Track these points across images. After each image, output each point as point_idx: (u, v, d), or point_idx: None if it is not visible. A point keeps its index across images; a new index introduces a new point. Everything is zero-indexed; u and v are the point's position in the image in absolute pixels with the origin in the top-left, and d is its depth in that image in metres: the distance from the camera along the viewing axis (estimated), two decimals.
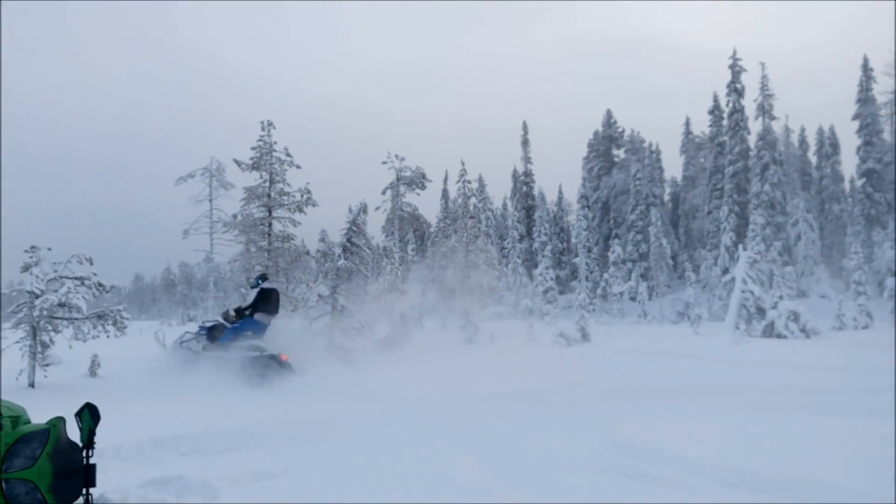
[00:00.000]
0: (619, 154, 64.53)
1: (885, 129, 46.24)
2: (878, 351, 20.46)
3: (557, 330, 28.52)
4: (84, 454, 6.03)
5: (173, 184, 46.68)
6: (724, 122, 50.17)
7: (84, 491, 5.99)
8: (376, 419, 11.84)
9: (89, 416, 6.10)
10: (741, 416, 12.16)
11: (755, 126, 47.31)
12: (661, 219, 51.98)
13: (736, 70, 48.61)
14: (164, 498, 7.04)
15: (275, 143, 27.84)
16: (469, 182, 34.75)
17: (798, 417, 11.75)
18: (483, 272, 32.40)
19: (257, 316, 19.45)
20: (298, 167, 28.36)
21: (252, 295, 19.83)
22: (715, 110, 52.35)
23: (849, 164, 49.52)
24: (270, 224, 27.82)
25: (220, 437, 10.00)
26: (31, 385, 15.14)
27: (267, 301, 19.76)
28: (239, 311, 19.68)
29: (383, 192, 46.08)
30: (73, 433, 6.06)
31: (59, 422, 5.89)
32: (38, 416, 6.32)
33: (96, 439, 6.15)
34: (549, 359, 19.98)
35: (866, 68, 45.88)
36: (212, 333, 19.15)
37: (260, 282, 20.35)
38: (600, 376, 16.10)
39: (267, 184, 27.90)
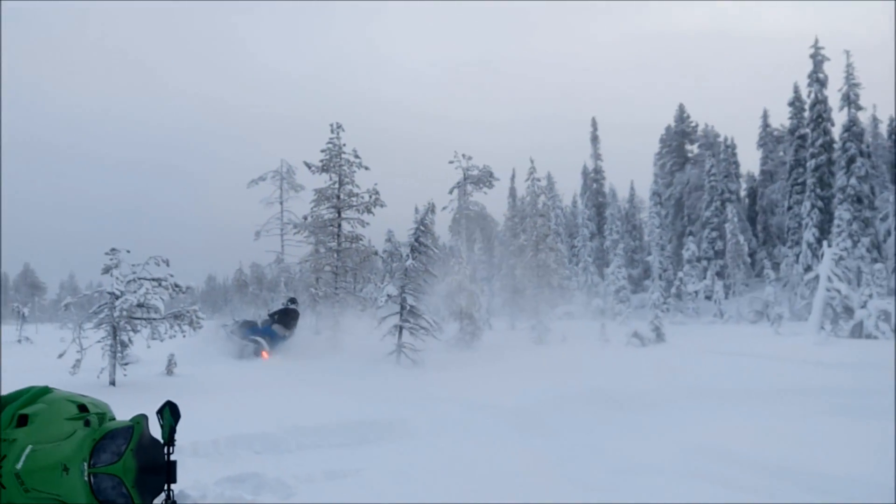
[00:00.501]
0: (693, 149, 63.35)
1: None
2: None
3: (631, 330, 28.16)
4: (165, 451, 6.16)
5: (245, 187, 48.14)
6: (806, 114, 48.65)
7: (166, 486, 6.13)
8: (447, 420, 11.85)
9: (170, 413, 6.21)
10: (826, 419, 11.80)
11: (839, 117, 45.69)
12: (737, 215, 50.77)
13: (818, 59, 47.08)
14: (241, 495, 7.17)
15: (344, 145, 28.81)
16: (538, 180, 34.73)
17: (885, 421, 11.30)
18: (553, 271, 32.15)
19: (275, 327, 25.21)
20: (367, 168, 29.15)
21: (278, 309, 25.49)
22: (795, 101, 50.84)
23: None
24: (339, 225, 28.80)
25: (293, 435, 10.17)
26: (112, 383, 15.67)
27: (286, 317, 25.73)
28: (270, 317, 26.13)
29: (450, 192, 46.33)
30: (154, 430, 6.18)
31: (142, 419, 6.03)
32: (120, 414, 6.56)
33: (176, 437, 6.25)
34: (622, 359, 19.69)
35: None
36: (243, 326, 24.98)
37: (290, 303, 26.47)
38: (677, 377, 15.83)
39: (336, 185, 28.91)
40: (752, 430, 10.63)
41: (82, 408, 6.15)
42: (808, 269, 40.82)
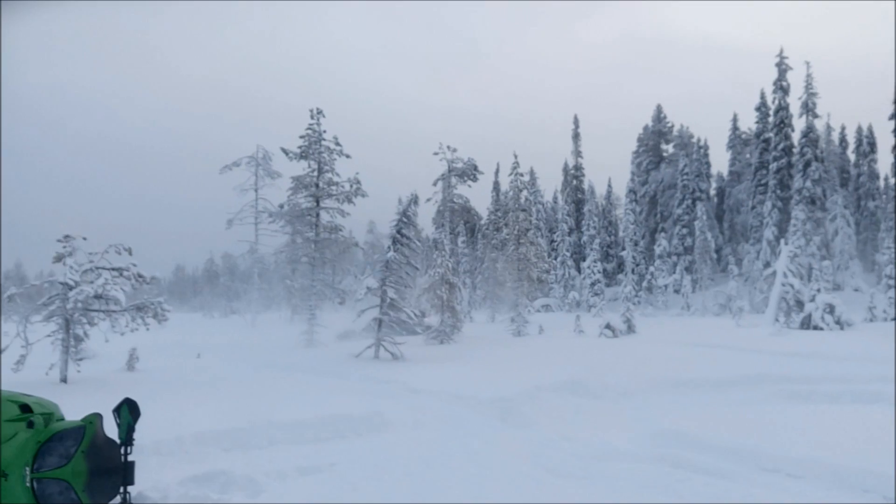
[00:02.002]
0: (668, 149, 63.82)
1: None
2: None
3: (604, 322, 28.50)
4: (122, 451, 5.72)
5: (217, 172, 46.02)
6: (770, 119, 49.35)
7: (122, 489, 5.69)
8: (425, 412, 11.69)
9: (128, 411, 5.79)
10: (780, 404, 12.25)
11: (799, 123, 46.59)
12: (706, 213, 51.38)
13: (782, 68, 47.76)
14: (207, 494, 6.62)
15: (324, 131, 26.90)
16: (521, 175, 34.27)
17: (833, 406, 11.83)
18: (533, 265, 32.28)
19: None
20: (348, 157, 27.43)
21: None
22: (761, 107, 51.50)
23: (885, 162, 48.46)
24: (318, 214, 27.05)
25: (265, 431, 9.66)
26: (64, 380, 13.94)
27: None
28: None
29: (434, 184, 45.70)
30: (111, 430, 5.78)
31: (95, 418, 5.55)
32: (73, 413, 6.03)
33: (135, 436, 5.84)
34: (595, 350, 19.92)
35: None
36: None
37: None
38: (646, 367, 16.05)
39: (315, 173, 27.00)
40: (714, 416, 10.93)
41: (25, 408, 5.56)
42: (767, 265, 41.55)
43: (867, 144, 48.19)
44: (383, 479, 7.50)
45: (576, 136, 64.94)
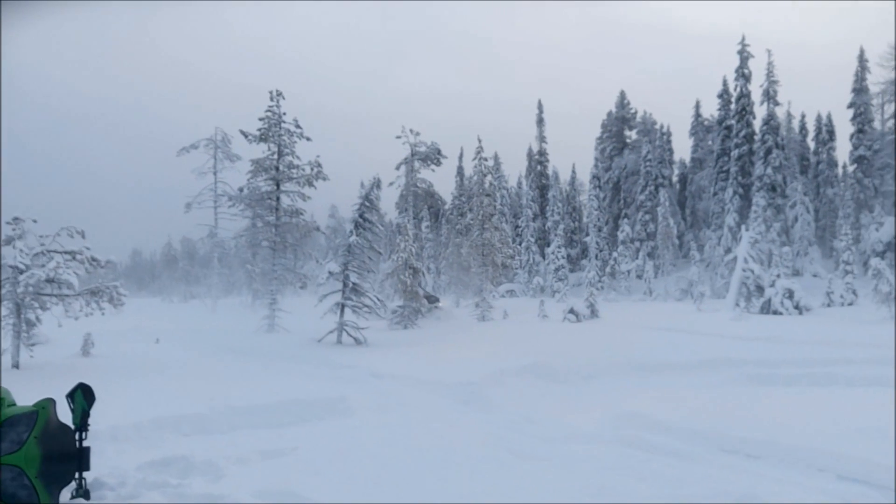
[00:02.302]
0: (631, 135, 64.10)
1: (877, 118, 46.30)
2: (861, 326, 20.79)
3: (568, 307, 28.69)
4: (77, 437, 5.63)
5: (175, 154, 44.98)
6: (732, 107, 49.89)
7: (77, 475, 5.62)
8: (389, 397, 11.71)
9: (83, 396, 5.70)
10: (739, 387, 12.52)
11: (760, 111, 47.20)
12: (669, 199, 51.87)
13: (744, 56, 48.26)
14: (166, 480, 6.45)
15: (284, 113, 26.61)
16: (485, 160, 33.91)
17: (791, 388, 12.08)
18: (497, 250, 32.27)
19: None
20: (309, 139, 27.17)
21: None
22: (723, 94, 51.98)
23: (843, 150, 49.52)
24: (278, 198, 26.75)
25: (226, 416, 9.60)
26: (16, 366, 13.74)
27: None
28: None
29: (397, 168, 45.36)
30: (65, 415, 5.71)
31: (48, 403, 5.47)
32: (25, 399, 5.96)
33: (91, 421, 5.76)
34: (559, 335, 20.09)
35: (862, 59, 45.72)
36: None
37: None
38: (608, 351, 16.26)
39: (275, 156, 26.67)
40: (674, 399, 11.13)
41: None
42: (728, 250, 42.16)
43: (826, 133, 48.95)
44: (346, 464, 7.45)
45: (540, 122, 64.91)
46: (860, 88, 45.53)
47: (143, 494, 5.94)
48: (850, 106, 45.66)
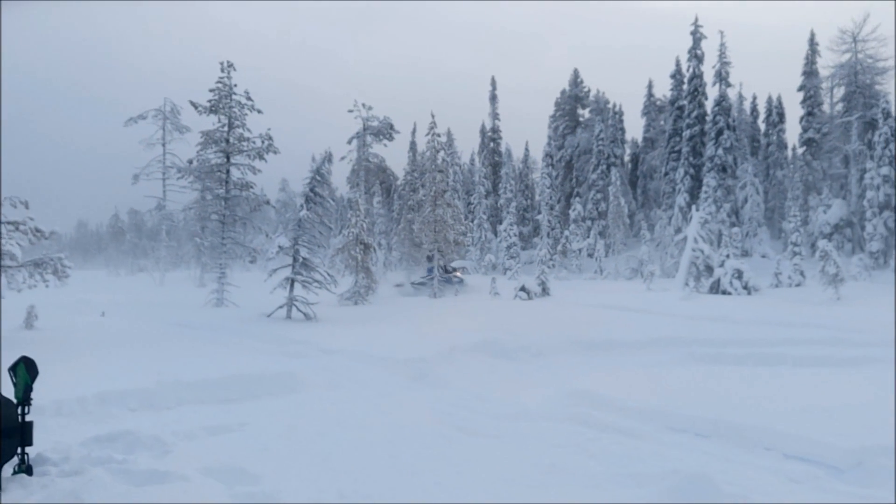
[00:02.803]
0: (584, 114, 64.50)
1: (826, 101, 47.46)
2: (809, 307, 21.33)
3: (519, 284, 28.85)
4: (19, 411, 5.52)
5: (122, 125, 44.41)
6: (685, 87, 50.53)
7: (19, 450, 5.52)
8: (339, 373, 11.65)
9: (25, 370, 5.57)
10: (688, 366, 12.72)
11: (712, 92, 47.90)
12: (620, 179, 52.41)
13: (697, 37, 48.85)
14: (111, 455, 6.36)
15: (235, 85, 26.32)
16: (438, 135, 33.71)
17: (739, 367, 12.34)
18: (450, 227, 32.24)
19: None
20: (260, 112, 26.82)
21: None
22: (676, 75, 52.60)
23: (793, 132, 50.61)
24: (228, 171, 26.41)
25: (173, 391, 9.51)
26: None
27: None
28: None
29: (349, 142, 44.97)
30: (7, 390, 5.61)
31: None
32: None
33: (34, 395, 5.65)
34: (510, 312, 20.18)
35: (812, 43, 46.74)
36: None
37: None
38: (559, 329, 16.36)
39: (226, 128, 26.34)
40: (624, 377, 11.29)
41: None
42: (678, 230, 42.87)
43: (777, 115, 49.91)
44: (295, 439, 7.40)
45: (493, 98, 64.88)
46: (810, 72, 46.55)
47: (87, 470, 5.80)
48: (801, 89, 46.70)
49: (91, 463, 6.07)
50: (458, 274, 34.21)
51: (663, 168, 52.02)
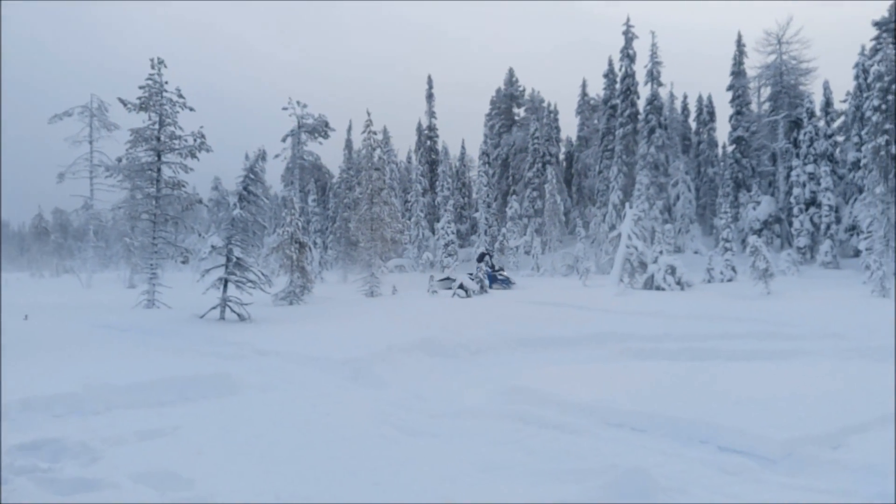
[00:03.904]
0: (520, 113, 65.06)
1: (754, 101, 49.08)
2: (740, 301, 21.97)
3: (457, 282, 28.96)
4: None
5: (47, 122, 42.69)
6: (617, 86, 51.40)
7: None
8: (274, 374, 11.51)
9: None
10: (624, 361, 12.94)
11: (644, 91, 48.89)
12: (556, 177, 53.07)
13: (629, 36, 49.71)
14: (36, 464, 6.21)
15: (166, 82, 25.82)
16: (374, 133, 33.63)
17: (674, 362, 12.58)
18: (386, 225, 32.14)
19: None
20: (192, 110, 26.48)
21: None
22: (609, 74, 53.49)
23: (723, 131, 52.17)
24: (159, 169, 25.88)
25: (101, 395, 9.20)
26: None
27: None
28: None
29: (283, 140, 44.42)
30: None
31: None
32: None
33: None
34: (449, 310, 20.20)
35: (739, 44, 48.32)
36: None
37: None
38: (497, 326, 16.42)
39: (156, 126, 25.80)
40: (561, 373, 11.35)
41: None
42: (612, 227, 43.67)
43: (707, 114, 51.27)
44: (230, 443, 7.27)
45: (430, 97, 65.00)
46: (738, 72, 48.07)
47: (10, 480, 5.62)
48: (729, 88, 48.16)
49: (14, 472, 5.87)
50: (505, 273, 34.88)
51: (597, 166, 52.84)
